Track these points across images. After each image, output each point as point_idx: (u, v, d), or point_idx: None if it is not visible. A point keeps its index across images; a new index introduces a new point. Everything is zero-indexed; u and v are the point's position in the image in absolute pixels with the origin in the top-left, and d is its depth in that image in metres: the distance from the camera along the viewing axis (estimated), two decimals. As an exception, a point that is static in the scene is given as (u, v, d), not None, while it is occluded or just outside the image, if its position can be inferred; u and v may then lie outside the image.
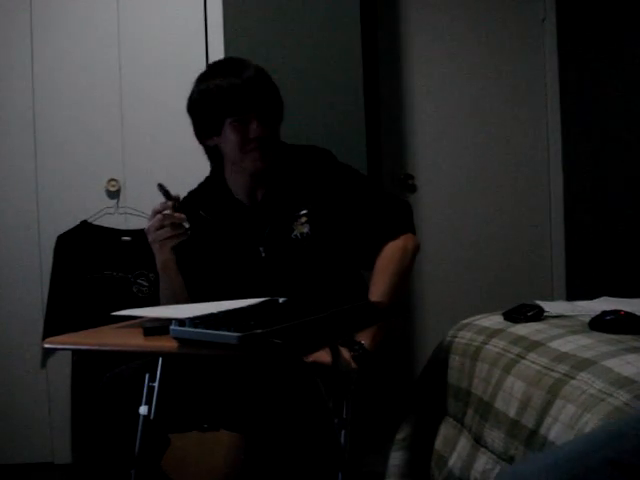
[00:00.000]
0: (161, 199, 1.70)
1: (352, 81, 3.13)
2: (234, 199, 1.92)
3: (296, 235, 1.85)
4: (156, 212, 1.69)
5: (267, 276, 1.87)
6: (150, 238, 1.73)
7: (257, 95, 1.78)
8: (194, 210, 1.90)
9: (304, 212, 1.85)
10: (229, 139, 1.81)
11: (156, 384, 1.68)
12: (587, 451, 1.06)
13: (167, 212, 1.68)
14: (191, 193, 2.00)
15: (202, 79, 1.85)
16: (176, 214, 1.68)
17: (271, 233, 1.87)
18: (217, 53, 3.03)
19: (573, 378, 1.43)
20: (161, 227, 1.69)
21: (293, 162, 1.90)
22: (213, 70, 1.87)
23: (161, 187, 1.69)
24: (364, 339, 1.71)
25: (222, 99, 1.77)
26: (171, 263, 1.80)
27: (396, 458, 1.98)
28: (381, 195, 1.93)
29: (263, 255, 1.87)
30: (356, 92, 3.15)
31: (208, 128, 1.83)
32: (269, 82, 1.84)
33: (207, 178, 2.01)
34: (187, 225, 1.69)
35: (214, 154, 1.92)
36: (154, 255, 1.79)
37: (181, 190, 2.08)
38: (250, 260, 1.88)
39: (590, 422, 1.29)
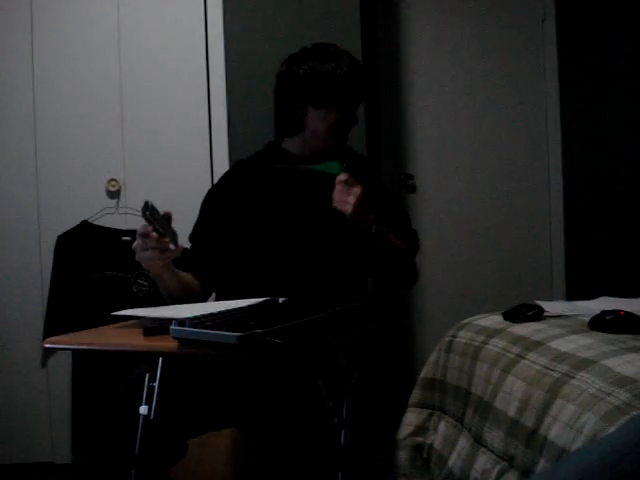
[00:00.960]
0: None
1: (352, 81, 3.13)
2: (291, 155, 2.05)
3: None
4: (139, 235, 1.66)
5: (301, 244, 1.97)
6: (137, 257, 1.72)
7: (362, 87, 2.02)
8: (243, 176, 2.05)
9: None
10: (327, 117, 1.99)
11: (156, 384, 1.69)
12: (619, 457, 1.04)
13: (153, 235, 1.63)
14: (250, 157, 2.14)
15: (310, 58, 1.98)
16: (158, 237, 1.64)
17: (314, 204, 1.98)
18: (217, 53, 3.04)
19: (573, 378, 1.43)
20: (146, 249, 1.68)
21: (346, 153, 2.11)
22: (327, 53, 1.99)
23: (146, 207, 1.58)
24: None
25: (339, 84, 1.96)
26: (164, 275, 1.81)
27: (396, 458, 1.98)
28: (407, 217, 2.16)
29: (305, 224, 1.99)
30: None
31: (312, 100, 1.97)
32: None
33: (265, 148, 2.13)
34: (173, 247, 1.67)
35: (289, 120, 2.02)
36: None
37: (182, 190, 2.08)
38: (292, 228, 1.98)
39: (590, 421, 1.29)
